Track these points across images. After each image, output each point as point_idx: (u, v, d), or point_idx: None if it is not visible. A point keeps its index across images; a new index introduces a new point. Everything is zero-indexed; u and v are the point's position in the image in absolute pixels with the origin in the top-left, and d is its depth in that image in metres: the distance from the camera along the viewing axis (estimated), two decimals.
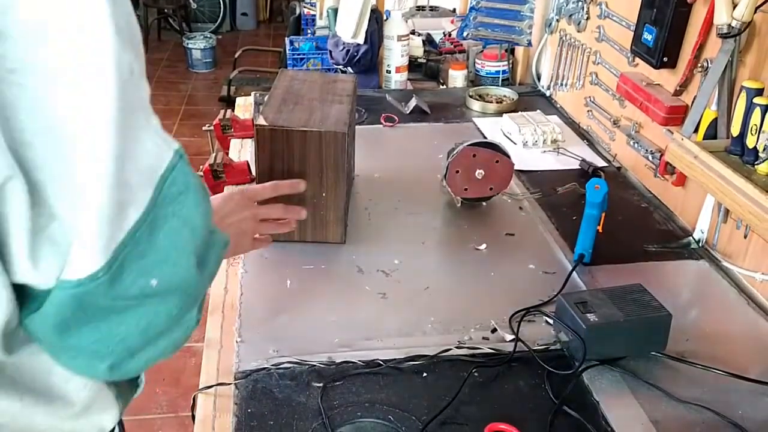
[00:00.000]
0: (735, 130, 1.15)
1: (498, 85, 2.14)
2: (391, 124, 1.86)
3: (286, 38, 2.94)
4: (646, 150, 1.55)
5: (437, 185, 1.51)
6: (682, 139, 1.24)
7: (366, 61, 2.11)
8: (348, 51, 2.09)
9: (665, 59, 1.42)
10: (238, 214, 1.05)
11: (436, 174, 1.51)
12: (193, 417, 0.98)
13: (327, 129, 1.23)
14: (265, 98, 1.36)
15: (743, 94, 1.12)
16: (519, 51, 2.23)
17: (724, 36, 1.19)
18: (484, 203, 1.49)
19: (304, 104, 1.32)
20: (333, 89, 1.40)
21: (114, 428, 0.74)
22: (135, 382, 0.76)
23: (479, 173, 1.42)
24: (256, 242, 1.12)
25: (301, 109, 1.30)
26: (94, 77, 0.55)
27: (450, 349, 1.07)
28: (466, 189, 1.44)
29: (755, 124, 1.11)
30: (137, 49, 0.58)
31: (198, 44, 5.42)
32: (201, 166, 1.49)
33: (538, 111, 1.86)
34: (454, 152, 1.42)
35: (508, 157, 1.43)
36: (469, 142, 1.42)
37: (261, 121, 1.24)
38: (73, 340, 0.60)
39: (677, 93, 1.42)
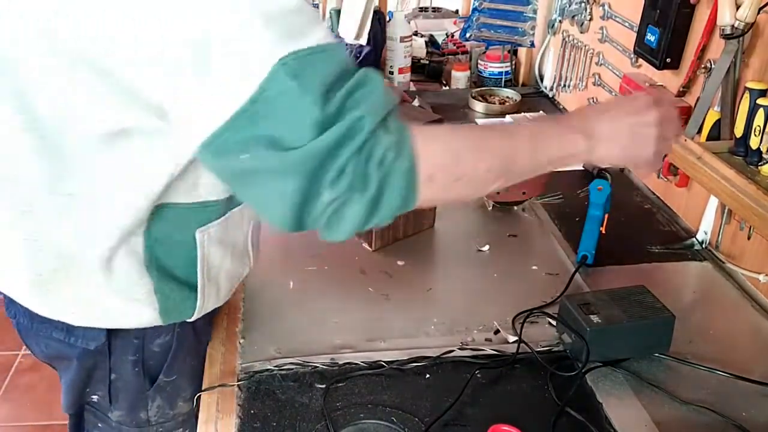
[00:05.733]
0: (738, 131, 1.15)
1: (501, 86, 2.14)
2: None
3: None
4: None
5: None
6: (686, 140, 1.24)
7: (369, 62, 2.11)
8: (351, 52, 2.09)
9: (668, 60, 1.42)
10: (636, 116, 0.92)
11: None
12: (196, 418, 0.98)
13: (428, 119, 1.24)
14: None
15: (746, 95, 1.12)
16: (522, 52, 2.22)
17: (727, 37, 1.19)
18: (515, 207, 1.48)
19: None
20: None
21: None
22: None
23: None
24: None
25: None
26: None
27: (453, 351, 1.07)
28: (498, 193, 1.44)
29: (759, 126, 1.10)
30: None
31: None
32: None
33: (541, 112, 1.86)
34: None
35: None
36: None
37: None
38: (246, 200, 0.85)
39: (680, 94, 1.41)
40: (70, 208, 0.83)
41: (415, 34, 2.35)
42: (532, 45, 2.12)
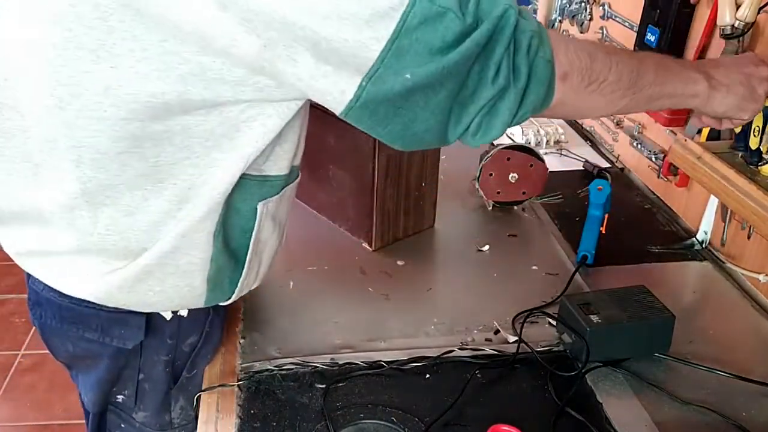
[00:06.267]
0: (737, 129, 1.15)
1: None
2: None
3: None
4: (649, 151, 1.55)
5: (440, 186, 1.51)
6: (685, 140, 1.24)
7: None
8: None
9: None
10: (750, 69, 1.00)
11: (440, 176, 1.50)
12: (196, 418, 0.98)
13: None
14: None
15: None
16: None
17: (727, 37, 1.19)
18: (515, 207, 1.48)
19: None
20: None
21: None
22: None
23: (513, 177, 1.41)
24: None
25: None
26: None
27: (453, 351, 1.07)
28: (498, 192, 1.44)
29: (758, 126, 1.10)
30: None
31: None
32: None
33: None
34: (488, 155, 1.41)
35: (542, 161, 1.42)
36: (503, 146, 1.42)
37: None
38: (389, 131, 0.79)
39: None
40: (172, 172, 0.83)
41: None
42: None
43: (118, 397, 1.03)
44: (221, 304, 0.98)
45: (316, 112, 1.26)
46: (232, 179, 0.84)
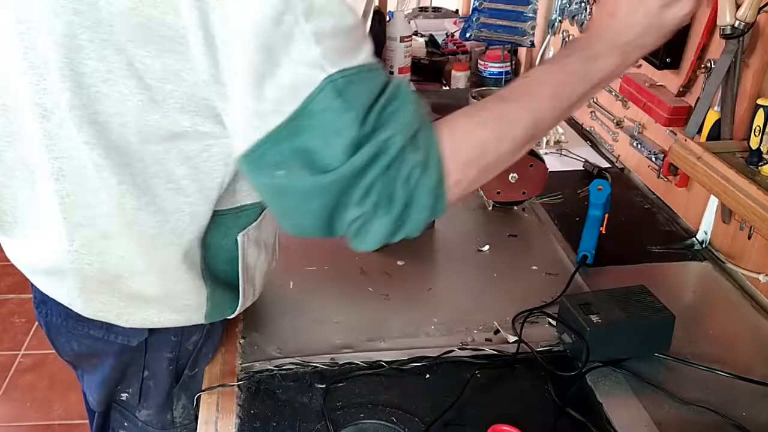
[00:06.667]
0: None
1: (501, 86, 2.14)
2: None
3: None
4: (650, 151, 1.54)
5: None
6: (686, 140, 1.24)
7: None
8: None
9: (668, 60, 1.42)
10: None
11: None
12: (196, 418, 0.98)
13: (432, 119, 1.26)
14: None
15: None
16: (522, 52, 2.22)
17: (727, 37, 1.19)
18: (515, 207, 1.48)
19: None
20: None
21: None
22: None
23: (513, 177, 1.41)
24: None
25: None
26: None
27: (453, 351, 1.07)
28: (498, 192, 1.44)
29: (758, 125, 1.10)
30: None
31: None
32: None
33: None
34: None
35: (542, 161, 1.42)
36: None
37: None
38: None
39: (680, 94, 1.41)
40: (138, 219, 0.84)
41: (415, 34, 2.35)
42: (532, 45, 2.12)
43: (123, 395, 1.04)
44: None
45: None
46: (202, 219, 0.86)
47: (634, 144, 1.61)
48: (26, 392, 2.54)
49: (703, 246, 1.37)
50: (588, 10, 1.83)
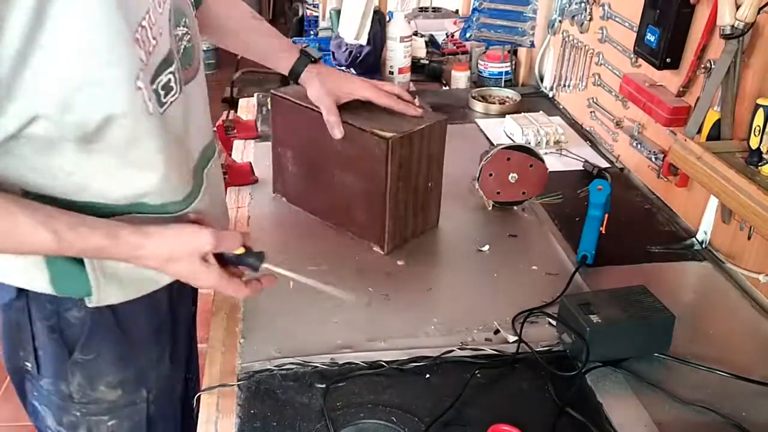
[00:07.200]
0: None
1: (501, 87, 2.14)
2: None
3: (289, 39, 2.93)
4: (649, 151, 1.55)
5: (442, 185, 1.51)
6: (686, 140, 1.24)
7: (369, 62, 2.11)
8: (351, 52, 2.10)
9: (668, 60, 1.42)
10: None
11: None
12: (196, 417, 0.98)
13: (434, 120, 1.28)
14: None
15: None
16: (522, 52, 2.22)
17: (727, 37, 1.19)
18: (515, 207, 1.48)
19: (364, 110, 1.29)
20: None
21: None
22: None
23: (512, 177, 1.41)
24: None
25: (374, 115, 1.27)
26: None
27: (453, 351, 1.07)
28: (498, 192, 1.44)
29: (758, 125, 1.11)
30: None
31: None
32: None
33: (541, 112, 1.86)
34: (488, 155, 1.41)
35: (542, 161, 1.42)
36: (503, 146, 1.41)
37: (386, 134, 1.21)
38: None
39: (680, 94, 1.41)
40: None
41: (415, 34, 2.35)
42: (532, 45, 2.12)
43: (26, 363, 1.04)
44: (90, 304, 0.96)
45: (318, 119, 1.26)
46: None
47: (634, 144, 1.61)
48: None
49: (703, 246, 1.37)
50: (588, 10, 1.83)
